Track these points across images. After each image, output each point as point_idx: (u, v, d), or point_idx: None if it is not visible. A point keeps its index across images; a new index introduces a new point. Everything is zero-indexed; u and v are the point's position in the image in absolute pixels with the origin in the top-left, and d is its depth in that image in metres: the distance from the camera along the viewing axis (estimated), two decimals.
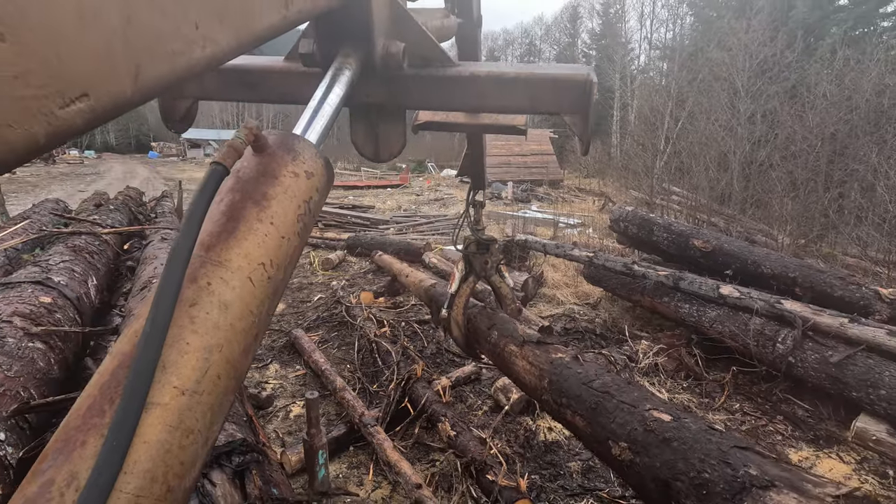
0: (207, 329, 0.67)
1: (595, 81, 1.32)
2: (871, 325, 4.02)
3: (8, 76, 0.42)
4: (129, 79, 0.54)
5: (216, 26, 0.66)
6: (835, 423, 4.05)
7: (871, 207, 8.58)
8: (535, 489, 3.18)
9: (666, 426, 1.71)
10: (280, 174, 0.85)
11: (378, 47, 1.24)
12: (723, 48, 16.97)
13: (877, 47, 14.57)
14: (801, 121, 11.42)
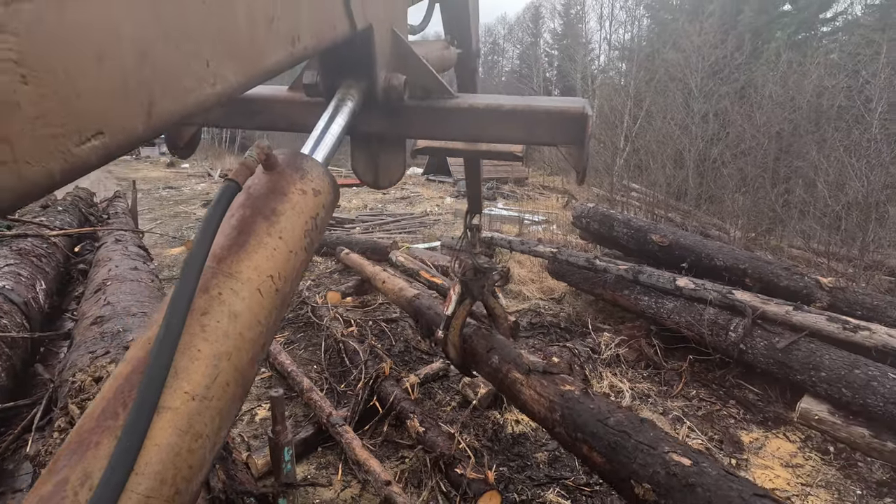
0: (218, 337, 0.69)
1: (590, 114, 1.35)
2: (813, 312, 4.29)
3: (29, 116, 0.44)
4: (142, 116, 0.56)
5: (226, 64, 0.69)
6: (782, 405, 4.30)
7: (813, 202, 9.13)
8: (503, 480, 3.25)
9: (688, 471, 1.83)
10: (289, 191, 0.89)
11: (380, 79, 1.27)
12: (677, 50, 17.63)
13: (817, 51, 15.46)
14: (749, 120, 12.00)
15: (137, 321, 2.55)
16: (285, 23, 0.83)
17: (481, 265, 2.90)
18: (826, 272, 6.32)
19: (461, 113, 1.41)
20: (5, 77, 0.42)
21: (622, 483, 2.01)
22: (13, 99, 0.42)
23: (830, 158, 9.20)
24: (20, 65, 0.43)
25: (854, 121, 10.57)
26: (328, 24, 0.99)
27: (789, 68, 13.49)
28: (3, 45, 0.41)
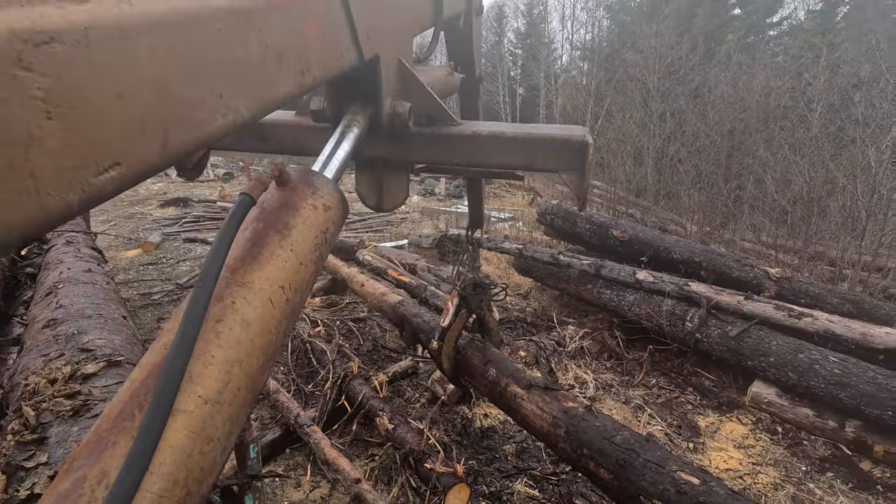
0: (230, 344, 0.72)
1: (591, 142, 1.39)
2: (762, 301, 4.54)
3: (51, 150, 0.46)
4: (157, 147, 0.59)
5: (238, 96, 0.72)
6: (735, 390, 4.53)
7: (762, 197, 9.62)
8: (472, 473, 3.30)
9: (698, 490, 1.92)
10: (300, 206, 0.92)
11: (385, 107, 1.30)
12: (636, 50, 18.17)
13: (764, 54, 16.25)
14: (703, 119, 12.52)
15: (94, 323, 2.46)
16: (295, 56, 0.87)
17: (482, 280, 2.94)
18: (774, 263, 6.68)
19: (464, 140, 1.45)
20: (32, 114, 0.44)
21: (631, 499, 2.09)
22: (38, 134, 0.45)
23: (777, 156, 9.72)
24: (47, 102, 0.45)
25: (798, 120, 11.19)
26: (336, 55, 1.02)
27: (739, 70, 14.14)
28: (33, 85, 0.44)
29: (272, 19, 0.80)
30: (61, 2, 0.48)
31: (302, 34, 0.89)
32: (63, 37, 0.46)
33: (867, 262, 6.90)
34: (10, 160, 0.43)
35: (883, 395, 3.49)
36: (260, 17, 0.77)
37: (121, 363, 2.06)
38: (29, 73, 0.44)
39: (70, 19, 0.48)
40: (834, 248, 7.46)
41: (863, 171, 7.37)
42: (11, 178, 0.43)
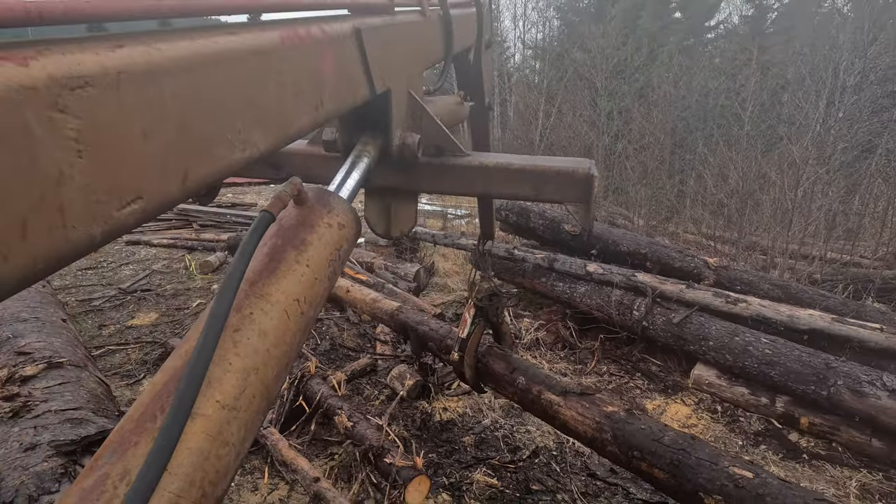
0: (248, 353, 0.75)
1: (596, 175, 1.43)
2: (702, 289, 4.82)
3: (80, 186, 0.48)
4: (177, 182, 0.61)
5: (255, 131, 0.76)
6: (679, 373, 4.80)
7: (702, 192, 10.19)
8: (432, 466, 3.35)
9: (753, 483, 2.04)
10: (317, 224, 0.97)
11: (395, 138, 1.33)
12: (584, 50, 18.72)
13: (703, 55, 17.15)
14: (648, 117, 13.10)
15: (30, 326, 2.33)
16: (311, 92, 0.90)
17: (497, 289, 2.98)
18: (713, 253, 7.10)
19: (472, 171, 1.48)
20: (64, 153, 0.46)
21: (689, 496, 2.18)
22: (69, 171, 0.47)
23: (715, 153, 10.32)
24: (78, 142, 0.48)
25: (733, 119, 11.92)
26: (349, 90, 1.06)
27: (680, 70, 14.88)
28: (67, 126, 0.46)
29: (290, 59, 0.84)
30: (97, 48, 0.51)
31: (318, 72, 0.92)
32: (97, 81, 0.49)
33: (794, 251, 7.45)
34: (42, 195, 0.45)
35: (807, 371, 3.81)
36: (278, 57, 0.81)
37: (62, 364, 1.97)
38: (64, 115, 0.46)
39: (104, 64, 0.50)
40: (766, 238, 8.02)
41: (789, 166, 7.95)
42: (42, 213, 0.45)
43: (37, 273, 0.46)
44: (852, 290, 6.37)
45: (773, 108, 11.71)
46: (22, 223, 0.44)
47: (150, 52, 0.56)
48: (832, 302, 4.76)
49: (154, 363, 4.69)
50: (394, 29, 1.27)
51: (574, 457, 3.56)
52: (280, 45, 0.81)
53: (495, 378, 2.97)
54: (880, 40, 13.22)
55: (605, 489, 3.26)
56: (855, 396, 3.53)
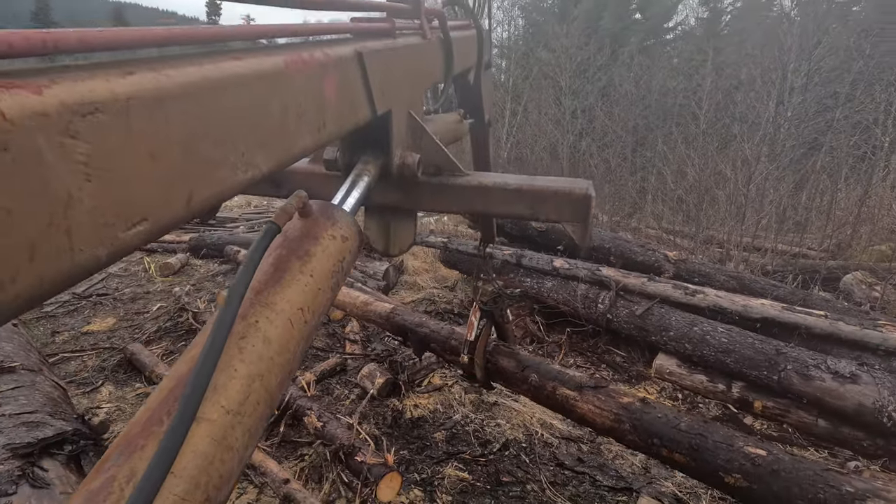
0: (253, 360, 0.76)
1: (593, 195, 1.45)
2: (662, 281, 5.01)
3: (88, 208, 0.49)
4: (182, 203, 0.63)
5: (258, 153, 0.77)
6: (642, 363, 4.97)
7: (663, 188, 10.55)
8: (403, 462, 3.36)
9: (768, 460, 2.18)
10: (321, 236, 0.99)
11: (395, 157, 1.34)
12: (549, 50, 19.02)
13: (662, 56, 17.71)
14: (610, 116, 13.43)
15: None
16: (313, 114, 0.92)
17: (502, 291, 3.01)
18: (672, 247, 7.37)
19: (470, 190, 1.50)
20: (73, 177, 0.47)
21: (710, 476, 2.31)
22: (77, 195, 0.48)
23: (674, 150, 10.69)
24: (88, 166, 0.49)
25: (690, 118, 12.37)
26: (351, 112, 1.08)
27: (641, 70, 15.32)
28: (77, 151, 0.47)
29: (294, 82, 0.86)
30: (108, 75, 0.52)
31: (321, 95, 0.95)
32: (107, 107, 0.50)
33: (748, 244, 7.82)
34: (51, 219, 0.46)
35: (760, 358, 4.01)
36: (282, 81, 0.82)
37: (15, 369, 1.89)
38: (75, 140, 0.47)
39: (115, 91, 0.52)
40: (722, 232, 8.38)
41: (743, 163, 8.32)
42: (50, 236, 0.46)
43: (42, 294, 0.47)
44: (801, 279, 6.74)
45: (728, 107, 12.23)
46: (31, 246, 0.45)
47: (158, 78, 0.58)
48: (782, 291, 5.03)
49: (113, 370, 4.51)
50: (395, 52, 1.30)
51: (543, 448, 3.64)
52: (284, 70, 0.83)
53: (506, 376, 3.04)
54: (824, 43, 13.98)
55: (573, 478, 3.35)
56: (802, 380, 3.75)
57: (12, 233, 0.43)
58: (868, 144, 14.64)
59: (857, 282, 6.66)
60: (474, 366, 2.98)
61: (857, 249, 8.53)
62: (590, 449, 3.68)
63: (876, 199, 10.28)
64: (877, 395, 3.41)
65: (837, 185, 10.52)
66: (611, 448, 3.67)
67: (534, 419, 3.96)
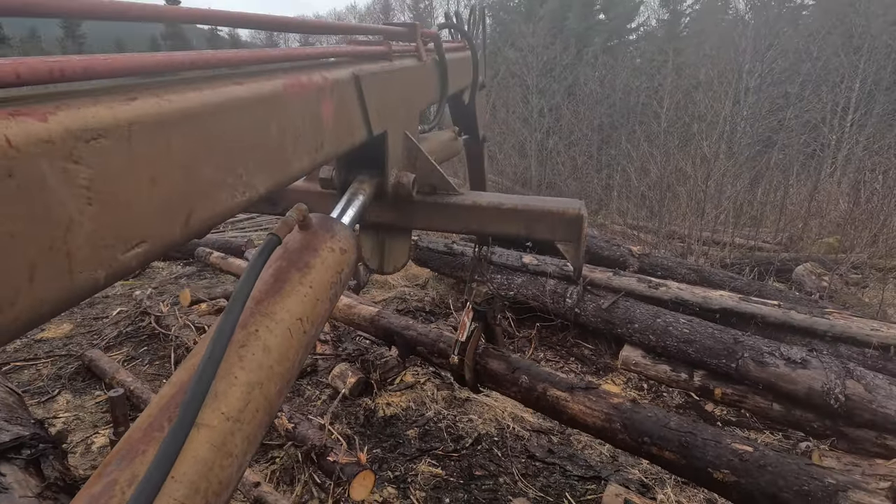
0: (253, 368, 0.77)
1: (585, 215, 1.47)
2: (627, 275, 5.15)
3: (88, 231, 0.49)
4: (180, 225, 0.63)
5: (257, 175, 0.78)
6: (609, 355, 5.11)
7: (627, 185, 10.84)
8: (377, 461, 3.36)
9: (755, 456, 2.25)
10: (320, 248, 1.01)
11: (391, 177, 1.35)
12: (516, 49, 19.22)
13: (625, 56, 18.15)
14: (576, 115, 13.70)
15: None
16: (311, 136, 0.94)
17: (496, 292, 3.00)
18: (637, 242, 7.59)
19: (465, 209, 1.51)
20: (75, 201, 0.48)
21: (699, 472, 2.38)
22: (78, 219, 0.48)
23: (637, 148, 10.99)
24: (90, 190, 0.49)
25: (652, 116, 12.75)
26: (348, 133, 1.10)
27: (605, 69, 15.68)
28: (80, 175, 0.48)
29: (292, 105, 0.87)
30: (112, 101, 0.53)
31: (318, 117, 0.96)
32: (110, 133, 0.51)
33: (707, 238, 8.13)
34: (52, 242, 0.46)
35: (719, 347, 4.19)
36: (281, 104, 0.84)
37: None
38: (78, 165, 0.48)
39: (117, 117, 0.52)
40: (683, 227, 8.68)
41: (702, 160, 8.64)
42: (50, 259, 0.46)
43: (42, 316, 0.47)
44: (756, 271, 7.06)
45: (687, 106, 12.68)
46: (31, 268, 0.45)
47: (160, 103, 0.59)
48: (739, 283, 5.26)
49: (70, 378, 4.33)
50: (391, 74, 1.31)
51: (514, 441, 3.70)
52: (283, 93, 0.84)
53: (496, 378, 3.03)
54: (776, 46, 14.63)
55: (544, 469, 3.42)
56: (758, 366, 3.94)
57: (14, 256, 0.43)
58: (817, 142, 15.44)
59: (808, 272, 7.02)
60: (464, 367, 2.98)
61: (808, 242, 8.99)
62: (560, 440, 3.76)
63: (824, 194, 10.86)
64: (825, 378, 3.62)
65: (789, 181, 11.05)
66: (580, 439, 3.77)
67: (505, 413, 4.02)
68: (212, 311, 5.71)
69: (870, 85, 16.79)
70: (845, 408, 3.50)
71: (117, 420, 2.20)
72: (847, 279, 7.39)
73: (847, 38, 16.92)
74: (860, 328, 4.14)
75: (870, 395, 3.42)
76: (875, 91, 16.68)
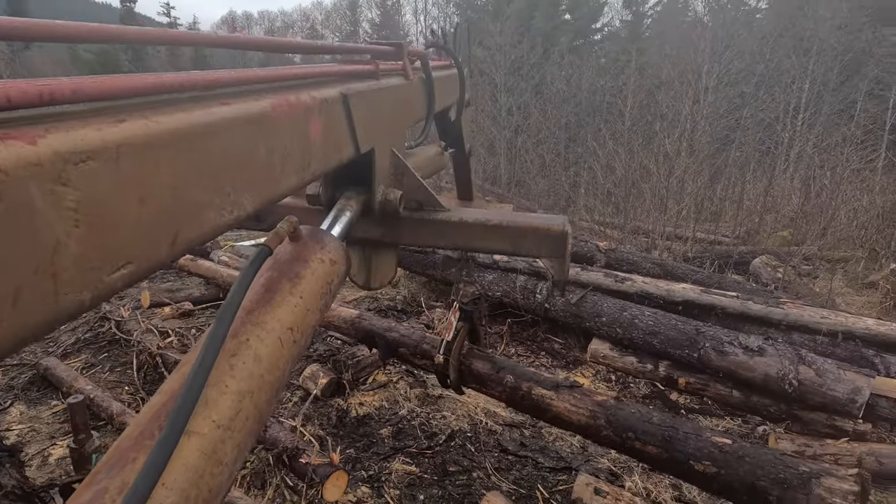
0: (243, 376, 0.77)
1: (569, 231, 1.49)
2: (595, 270, 5.28)
3: (74, 253, 0.49)
4: (167, 245, 0.63)
5: (244, 194, 0.78)
6: (578, 349, 5.22)
7: (593, 182, 11.09)
8: (350, 461, 3.34)
9: (733, 447, 2.35)
10: (310, 259, 1.02)
11: (378, 194, 1.36)
12: (484, 47, 19.33)
13: (590, 56, 18.52)
14: (544, 113, 13.90)
15: None
16: (299, 155, 0.94)
17: (482, 292, 2.98)
18: (603, 238, 7.77)
19: (451, 226, 1.51)
20: (62, 223, 0.48)
21: (681, 465, 2.45)
22: (65, 241, 0.48)
23: (603, 146, 11.25)
24: (77, 212, 0.49)
25: (618, 115, 13.06)
26: (335, 151, 1.10)
27: (571, 69, 15.96)
28: (68, 198, 0.48)
29: (280, 125, 0.88)
30: (101, 123, 0.53)
31: (306, 136, 0.97)
32: (98, 154, 0.51)
33: (670, 233, 8.40)
34: (38, 265, 0.46)
35: (682, 338, 4.34)
36: (269, 125, 0.84)
37: None
38: (66, 187, 0.48)
39: (106, 139, 0.52)
40: (647, 222, 8.95)
41: (664, 158, 8.92)
42: (36, 282, 0.46)
43: (25, 339, 0.46)
44: (717, 264, 7.34)
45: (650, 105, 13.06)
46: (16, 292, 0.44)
47: (149, 125, 0.59)
48: (700, 276, 5.46)
49: (23, 388, 4.13)
50: (379, 93, 1.33)
51: (487, 436, 3.74)
52: (271, 113, 0.85)
53: (480, 379, 3.04)
54: (732, 47, 15.21)
55: (517, 462, 3.48)
56: (719, 355, 4.10)
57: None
58: (771, 140, 16.15)
59: (764, 265, 7.35)
60: (448, 367, 2.98)
61: (764, 235, 9.41)
62: (532, 433, 3.83)
63: (778, 190, 11.38)
64: (780, 365, 3.80)
65: (746, 177, 11.53)
66: (551, 431, 3.84)
67: (478, 409, 4.06)
68: (175, 314, 5.54)
69: (818, 86, 17.67)
70: (798, 392, 3.69)
71: (77, 427, 2.12)
72: (799, 270, 7.77)
73: (798, 40, 17.75)
74: (811, 316, 4.37)
75: (820, 380, 3.62)
76: (823, 91, 17.57)
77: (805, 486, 2.10)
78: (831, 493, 2.05)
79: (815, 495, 2.07)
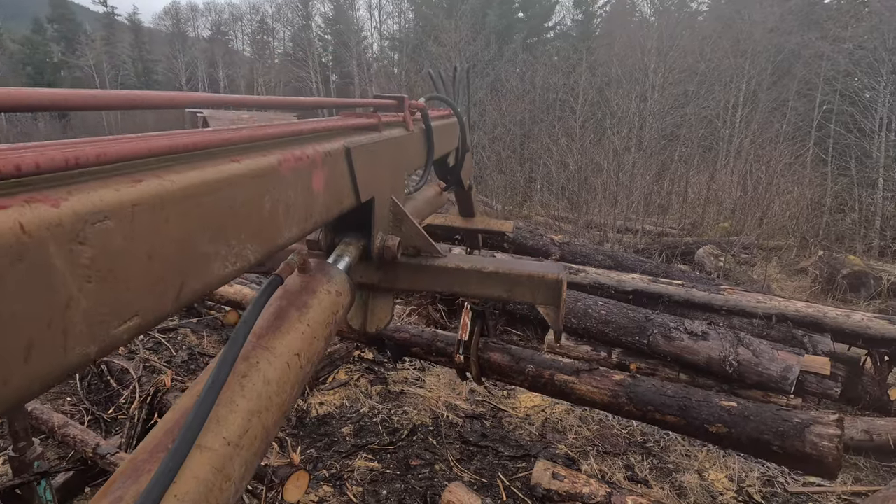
0: (253, 397, 0.81)
1: (565, 280, 1.51)
2: (550, 263, 5.43)
3: (84, 308, 0.50)
4: (172, 298, 0.64)
5: (248, 246, 0.81)
6: (536, 340, 5.36)
7: (548, 178, 11.35)
8: (311, 461, 3.31)
9: (739, 409, 2.71)
10: (318, 290, 1.08)
11: (376, 240, 1.40)
12: (439, 44, 19.35)
13: (543, 53, 18.89)
14: (499, 110, 14.08)
15: None
16: (302, 207, 0.98)
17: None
18: (558, 232, 7.99)
19: (448, 272, 1.54)
20: (76, 280, 0.49)
21: (697, 429, 2.79)
22: (77, 296, 0.49)
23: (557, 143, 11.53)
24: (90, 269, 0.50)
25: (570, 112, 13.40)
26: (337, 201, 1.15)
27: (525, 66, 16.23)
28: (83, 255, 0.49)
29: (286, 180, 0.91)
30: (119, 184, 0.55)
31: (309, 188, 1.01)
32: (114, 214, 0.53)
33: (621, 226, 8.73)
34: (51, 320, 0.47)
35: (632, 325, 4.54)
36: (275, 179, 0.88)
37: None
38: (83, 246, 0.49)
39: (122, 199, 0.54)
40: (599, 216, 9.26)
41: (614, 153, 9.25)
42: (47, 337, 0.47)
43: (32, 393, 0.47)
44: (665, 255, 7.70)
45: (600, 103, 13.48)
46: (28, 347, 0.45)
47: (163, 183, 0.61)
48: (649, 266, 5.72)
49: None
50: (380, 144, 1.37)
51: (449, 428, 3.80)
52: (278, 168, 0.88)
53: (501, 370, 3.23)
54: (676, 48, 15.91)
55: (478, 452, 3.55)
56: (666, 341, 4.32)
57: (14, 335, 0.44)
58: (713, 136, 17.02)
59: (707, 254, 7.78)
60: (470, 364, 3.15)
61: (707, 227, 9.94)
62: (492, 424, 3.91)
63: (720, 183, 12.03)
64: (721, 347, 4.05)
65: (690, 171, 12.12)
66: (510, 421, 3.94)
67: (440, 403, 4.11)
68: None
69: (754, 85, 18.77)
70: (738, 372, 3.94)
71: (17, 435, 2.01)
72: (739, 259, 8.27)
73: (735, 42, 18.78)
74: (748, 301, 4.67)
75: (757, 360, 3.88)
76: (758, 90, 18.68)
77: (800, 434, 2.51)
78: (821, 438, 2.48)
79: (808, 441, 2.48)
